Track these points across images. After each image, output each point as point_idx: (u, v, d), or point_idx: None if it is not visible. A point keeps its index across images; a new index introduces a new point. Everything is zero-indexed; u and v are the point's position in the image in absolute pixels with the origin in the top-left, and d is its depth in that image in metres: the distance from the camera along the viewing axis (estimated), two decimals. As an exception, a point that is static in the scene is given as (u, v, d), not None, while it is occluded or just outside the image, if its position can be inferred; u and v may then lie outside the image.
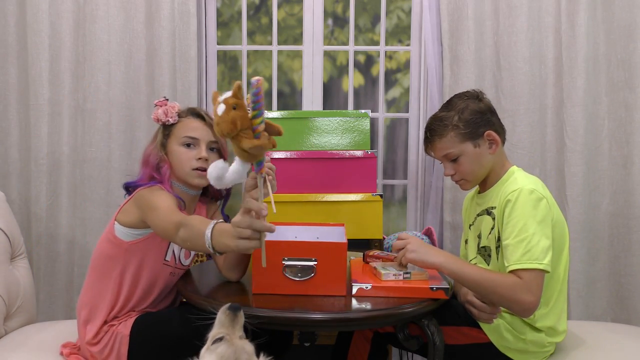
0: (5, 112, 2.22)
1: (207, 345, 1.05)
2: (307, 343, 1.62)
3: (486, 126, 1.59)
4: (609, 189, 2.22)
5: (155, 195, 1.50)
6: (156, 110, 1.63)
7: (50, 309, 2.23)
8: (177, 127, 1.63)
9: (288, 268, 1.44)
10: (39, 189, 2.20)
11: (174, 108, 1.63)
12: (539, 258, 1.40)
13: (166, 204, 1.46)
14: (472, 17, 2.19)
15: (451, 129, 1.58)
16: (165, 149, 1.62)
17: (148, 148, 1.65)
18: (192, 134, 1.61)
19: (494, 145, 1.59)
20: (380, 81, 2.44)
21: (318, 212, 2.07)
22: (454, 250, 2.24)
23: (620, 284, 2.21)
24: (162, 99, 1.65)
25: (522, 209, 1.45)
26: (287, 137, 2.16)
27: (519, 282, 1.39)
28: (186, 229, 1.32)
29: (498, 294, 1.41)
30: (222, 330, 1.06)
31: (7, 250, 1.78)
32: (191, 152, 1.59)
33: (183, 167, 1.59)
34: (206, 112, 1.67)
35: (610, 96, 2.21)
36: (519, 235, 1.43)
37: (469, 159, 1.58)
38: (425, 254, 1.45)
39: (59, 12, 2.18)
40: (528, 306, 1.39)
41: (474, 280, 1.43)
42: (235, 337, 1.06)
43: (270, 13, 2.42)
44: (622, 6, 2.16)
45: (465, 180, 1.63)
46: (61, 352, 1.60)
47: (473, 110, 1.59)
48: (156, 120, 1.63)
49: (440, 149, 1.61)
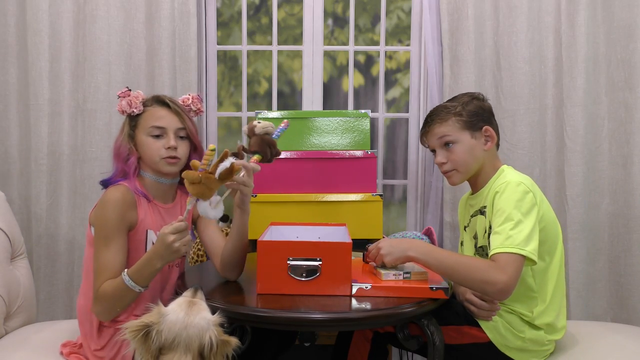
0: (5, 112, 2.22)
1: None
2: (307, 343, 1.62)
3: (486, 122, 1.62)
4: (608, 189, 2.22)
5: (109, 238, 1.50)
6: (120, 101, 1.60)
7: (50, 309, 2.23)
8: (144, 118, 1.60)
9: (293, 268, 1.44)
10: (39, 189, 2.20)
11: (138, 98, 1.60)
12: (520, 244, 1.40)
13: (112, 258, 1.49)
14: (472, 17, 2.19)
15: (453, 115, 1.61)
16: (134, 140, 1.61)
17: (117, 140, 1.63)
18: (158, 124, 1.59)
19: (489, 142, 1.62)
20: (380, 81, 2.44)
21: (318, 212, 2.07)
22: (454, 250, 2.24)
23: (620, 284, 2.21)
24: (124, 89, 1.61)
25: (508, 199, 1.46)
26: (287, 137, 2.16)
27: (493, 264, 1.40)
28: (102, 295, 1.48)
29: (472, 278, 1.40)
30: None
31: (7, 250, 1.78)
32: (159, 142, 1.58)
33: (153, 158, 1.59)
34: (171, 98, 1.64)
35: (610, 96, 2.21)
36: (503, 223, 1.44)
37: (464, 147, 1.60)
38: (400, 251, 1.46)
39: (59, 12, 2.18)
40: (501, 286, 1.37)
41: (450, 268, 1.43)
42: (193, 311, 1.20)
43: (270, 13, 2.42)
44: (622, 6, 2.16)
45: (456, 170, 1.64)
46: (61, 351, 1.60)
47: (476, 105, 1.63)
48: (121, 112, 1.61)
49: (438, 132, 1.63)
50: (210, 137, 2.39)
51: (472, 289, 1.48)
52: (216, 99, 2.41)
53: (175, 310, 1.20)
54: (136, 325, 1.15)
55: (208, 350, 1.15)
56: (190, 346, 1.15)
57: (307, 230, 1.74)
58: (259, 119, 2.17)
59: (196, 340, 1.15)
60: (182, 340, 1.15)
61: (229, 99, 2.55)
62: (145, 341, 1.15)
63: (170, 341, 1.15)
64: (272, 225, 1.75)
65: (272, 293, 1.45)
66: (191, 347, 1.15)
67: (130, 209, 1.53)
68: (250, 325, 1.40)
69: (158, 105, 1.62)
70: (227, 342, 1.19)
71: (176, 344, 1.15)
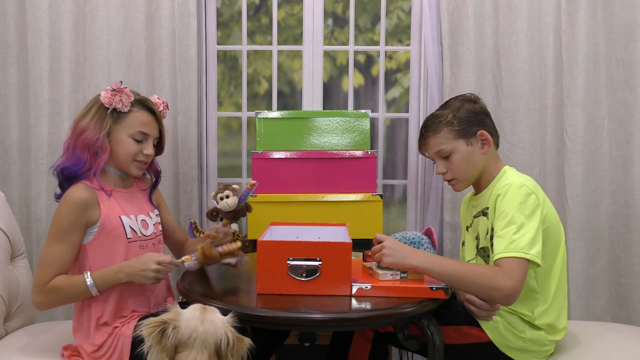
0: (5, 112, 2.22)
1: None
2: (307, 343, 1.62)
3: (479, 126, 1.61)
4: (609, 189, 2.22)
5: (63, 235, 1.51)
6: (112, 95, 1.57)
7: (50, 309, 2.22)
8: (130, 118, 1.60)
9: (293, 268, 1.44)
10: (39, 189, 2.20)
11: (130, 97, 1.60)
12: (524, 248, 1.40)
13: (63, 254, 1.52)
14: (472, 17, 2.19)
15: (445, 125, 1.60)
16: (110, 134, 1.59)
17: (90, 129, 1.57)
18: (144, 130, 1.61)
19: (486, 145, 1.61)
20: (380, 81, 2.44)
21: (318, 212, 2.07)
22: (454, 250, 2.24)
23: (620, 284, 2.21)
24: (119, 84, 1.59)
25: (510, 202, 1.46)
26: (287, 137, 2.16)
27: (498, 269, 1.40)
28: (53, 288, 1.52)
29: (478, 284, 1.41)
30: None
31: (7, 250, 1.78)
32: (138, 146, 1.61)
33: (125, 158, 1.61)
34: (153, 105, 1.66)
35: (610, 96, 2.21)
36: (506, 226, 1.44)
37: (461, 156, 1.60)
38: (402, 257, 1.46)
39: (59, 12, 2.18)
40: (507, 292, 1.38)
41: (454, 276, 1.43)
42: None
43: (270, 13, 2.42)
44: (622, 6, 2.16)
45: (457, 179, 1.64)
46: (62, 354, 1.60)
47: (468, 110, 1.62)
48: (109, 104, 1.57)
49: (434, 145, 1.63)
50: (210, 137, 2.39)
51: (478, 295, 1.47)
52: (216, 99, 2.40)
53: (191, 310, 1.23)
54: (154, 322, 1.17)
55: (225, 346, 1.17)
56: (207, 342, 1.17)
57: (307, 230, 1.74)
58: (258, 119, 2.17)
59: (212, 336, 1.17)
60: (198, 336, 1.17)
61: (229, 99, 2.55)
62: (161, 339, 1.16)
63: (187, 338, 1.17)
64: (272, 225, 1.76)
65: (272, 293, 1.45)
66: (207, 343, 1.17)
67: (91, 208, 1.54)
68: (250, 325, 1.40)
69: (144, 109, 1.63)
70: (242, 340, 1.20)
71: (192, 341, 1.16)
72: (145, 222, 1.67)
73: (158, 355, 1.16)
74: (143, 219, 1.67)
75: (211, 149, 2.39)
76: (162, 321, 1.18)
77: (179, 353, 1.17)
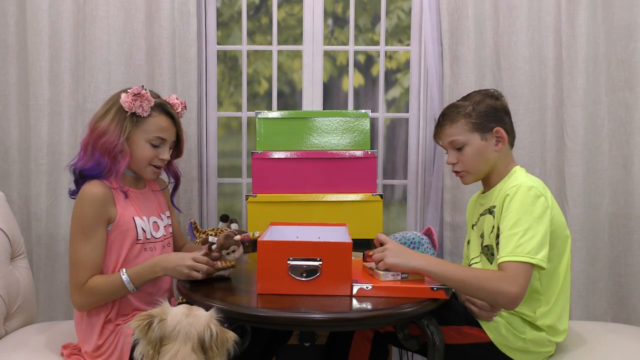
0: (5, 112, 2.22)
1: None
2: (307, 343, 1.62)
3: (497, 123, 1.61)
4: (609, 189, 2.22)
5: (88, 232, 1.52)
6: (133, 100, 1.55)
7: (50, 309, 2.23)
8: (149, 122, 1.60)
9: (293, 268, 1.43)
10: (39, 189, 2.20)
11: (151, 102, 1.59)
12: (531, 252, 1.39)
13: (92, 252, 1.52)
14: (472, 17, 2.19)
15: (463, 116, 1.60)
16: (128, 138, 1.59)
17: (110, 132, 1.56)
18: (162, 135, 1.62)
19: (500, 143, 1.60)
20: (380, 81, 2.43)
21: (318, 212, 2.07)
22: (454, 250, 2.24)
23: (620, 284, 2.21)
24: (140, 88, 1.57)
25: (519, 204, 1.45)
26: (287, 137, 2.16)
27: (503, 274, 1.39)
28: (92, 289, 1.52)
29: (483, 289, 1.40)
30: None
31: (7, 250, 1.77)
32: (155, 150, 1.61)
33: (142, 162, 1.62)
34: (171, 108, 1.66)
35: (610, 96, 2.21)
36: (513, 228, 1.43)
37: (474, 150, 1.60)
38: (406, 259, 1.45)
39: (59, 12, 2.18)
40: (512, 297, 1.38)
41: (459, 280, 1.42)
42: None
43: (270, 13, 2.41)
44: (622, 6, 2.16)
45: (466, 172, 1.64)
46: (61, 352, 1.60)
47: (488, 105, 1.61)
48: (129, 109, 1.56)
49: (449, 134, 1.63)
50: (210, 137, 2.39)
51: (483, 299, 1.47)
52: (216, 99, 2.40)
53: (179, 307, 1.26)
54: (142, 316, 1.21)
55: (209, 338, 1.19)
56: (190, 334, 1.19)
57: (307, 230, 1.74)
58: (258, 119, 2.17)
59: (195, 328, 1.20)
60: (182, 328, 1.19)
61: (229, 99, 2.55)
62: (148, 332, 1.19)
63: (171, 330, 1.19)
64: (272, 225, 1.75)
65: (272, 293, 1.44)
66: (191, 335, 1.19)
67: (109, 203, 1.55)
68: (250, 325, 1.40)
69: (164, 114, 1.63)
70: (226, 333, 1.23)
71: (176, 333, 1.19)
72: (157, 224, 1.68)
73: (145, 347, 1.20)
74: (155, 220, 1.67)
75: (211, 149, 2.39)
76: (149, 315, 1.21)
77: (164, 345, 1.19)
